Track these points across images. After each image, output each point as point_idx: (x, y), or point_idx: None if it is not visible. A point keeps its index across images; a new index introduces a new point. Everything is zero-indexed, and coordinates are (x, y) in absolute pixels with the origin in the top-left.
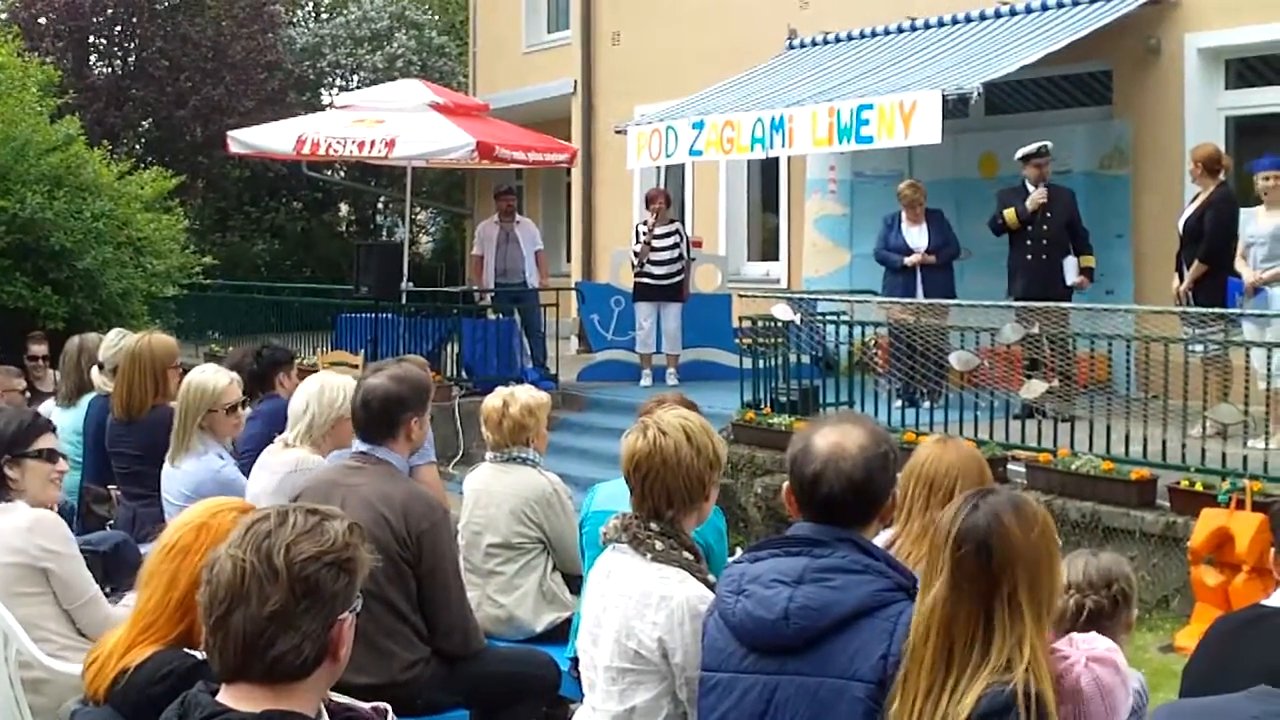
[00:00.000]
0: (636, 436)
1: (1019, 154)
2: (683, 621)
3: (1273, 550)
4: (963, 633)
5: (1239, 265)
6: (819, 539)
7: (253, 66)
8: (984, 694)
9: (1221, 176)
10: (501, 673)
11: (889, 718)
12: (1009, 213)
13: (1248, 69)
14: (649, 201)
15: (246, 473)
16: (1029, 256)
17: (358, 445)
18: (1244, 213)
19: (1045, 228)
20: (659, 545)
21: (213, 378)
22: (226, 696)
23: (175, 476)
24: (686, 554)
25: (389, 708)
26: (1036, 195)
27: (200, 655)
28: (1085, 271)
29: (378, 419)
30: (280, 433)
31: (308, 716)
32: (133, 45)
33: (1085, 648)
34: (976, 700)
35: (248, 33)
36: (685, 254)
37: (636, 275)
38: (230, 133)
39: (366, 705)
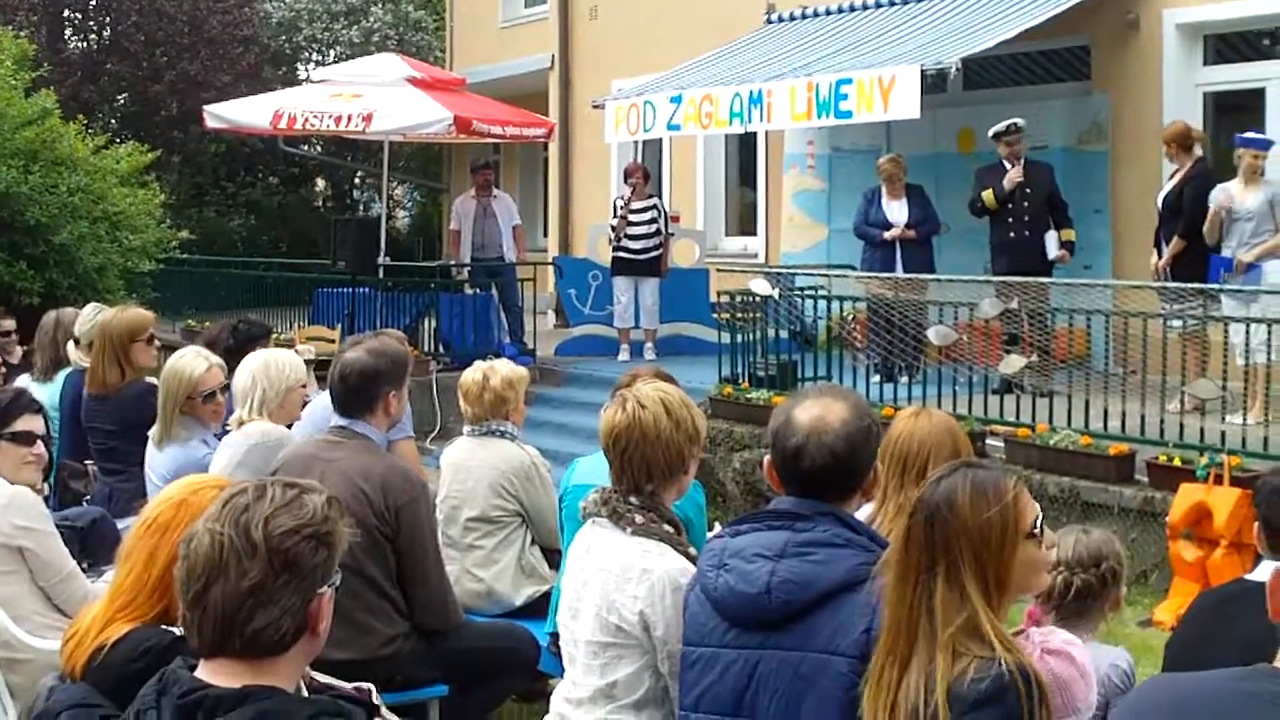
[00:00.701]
0: (615, 410)
1: (991, 132)
2: (664, 594)
3: (1256, 525)
4: (905, 605)
5: (1207, 235)
6: (801, 513)
7: (229, 41)
8: (974, 676)
9: (1198, 151)
10: (481, 648)
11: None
12: (987, 194)
13: (1225, 44)
14: (627, 175)
15: None
16: (1011, 234)
17: (335, 420)
18: (1217, 187)
19: (1025, 204)
20: (639, 519)
21: (190, 363)
22: (205, 672)
23: (159, 459)
24: (667, 527)
25: (372, 687)
26: (1013, 174)
27: (179, 632)
28: (1066, 245)
29: (355, 393)
30: None
31: (287, 691)
32: (108, 20)
33: (1040, 639)
34: (953, 681)
35: (224, 7)
36: (663, 229)
37: (614, 250)
38: (207, 107)
39: (349, 685)
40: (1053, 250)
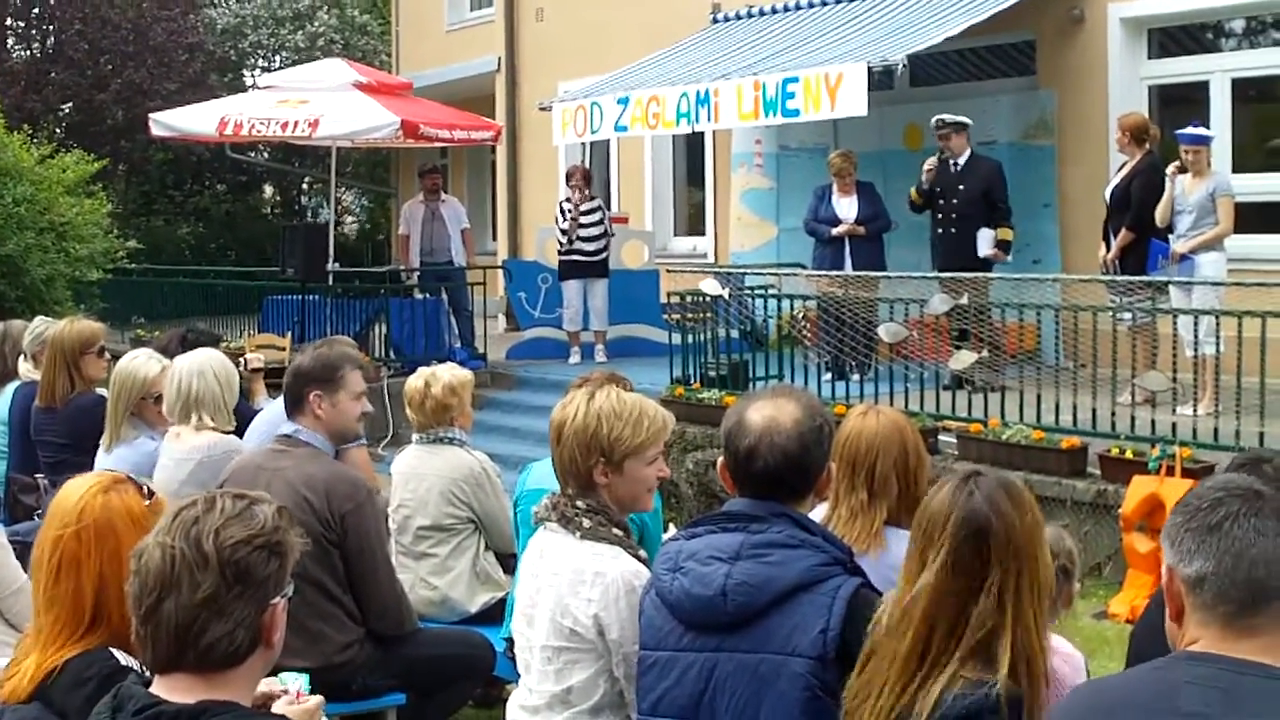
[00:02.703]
0: (558, 405)
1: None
2: (618, 597)
3: None
4: (945, 622)
5: (1159, 217)
6: (755, 514)
7: (174, 49)
8: (959, 691)
9: (1148, 145)
10: (437, 654)
11: (847, 704)
12: (912, 190)
13: (1169, 38)
14: (568, 178)
15: None
16: (939, 230)
17: (283, 428)
18: (1171, 177)
19: (955, 200)
20: (587, 523)
21: (144, 365)
22: (160, 688)
23: (108, 461)
24: (616, 530)
25: (320, 699)
26: (926, 165)
27: (123, 658)
28: (1002, 244)
29: (286, 394)
30: None
31: (243, 705)
32: (51, 28)
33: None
34: (943, 694)
35: (168, 15)
36: (608, 230)
37: (563, 253)
38: (152, 115)
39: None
40: (984, 248)
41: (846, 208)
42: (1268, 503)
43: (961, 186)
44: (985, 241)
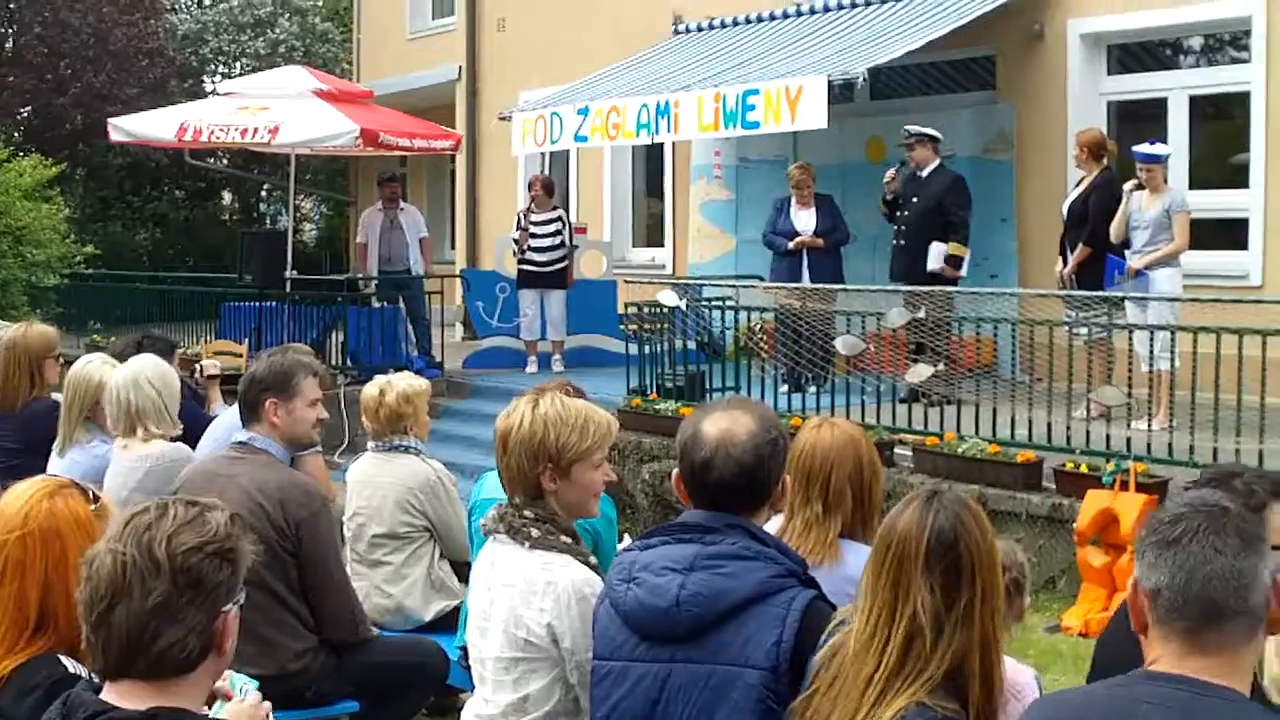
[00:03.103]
0: (502, 414)
1: None
2: (570, 605)
3: None
4: (922, 642)
5: (1114, 233)
6: (710, 526)
7: (134, 54)
8: (912, 709)
9: (1105, 161)
10: (391, 662)
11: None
12: (881, 201)
13: (1128, 55)
14: (529, 188)
15: None
16: (894, 241)
17: (238, 435)
18: (1129, 194)
19: (907, 213)
20: (535, 532)
21: (97, 370)
22: (111, 694)
23: (60, 465)
24: (565, 538)
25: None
26: (885, 177)
27: (71, 665)
28: (952, 260)
29: (241, 402)
30: None
31: (194, 712)
32: (9, 31)
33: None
34: (901, 711)
35: (129, 19)
36: (568, 241)
37: (519, 262)
38: (111, 120)
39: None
40: (933, 262)
41: (805, 220)
42: (1231, 520)
43: (915, 199)
44: (934, 256)
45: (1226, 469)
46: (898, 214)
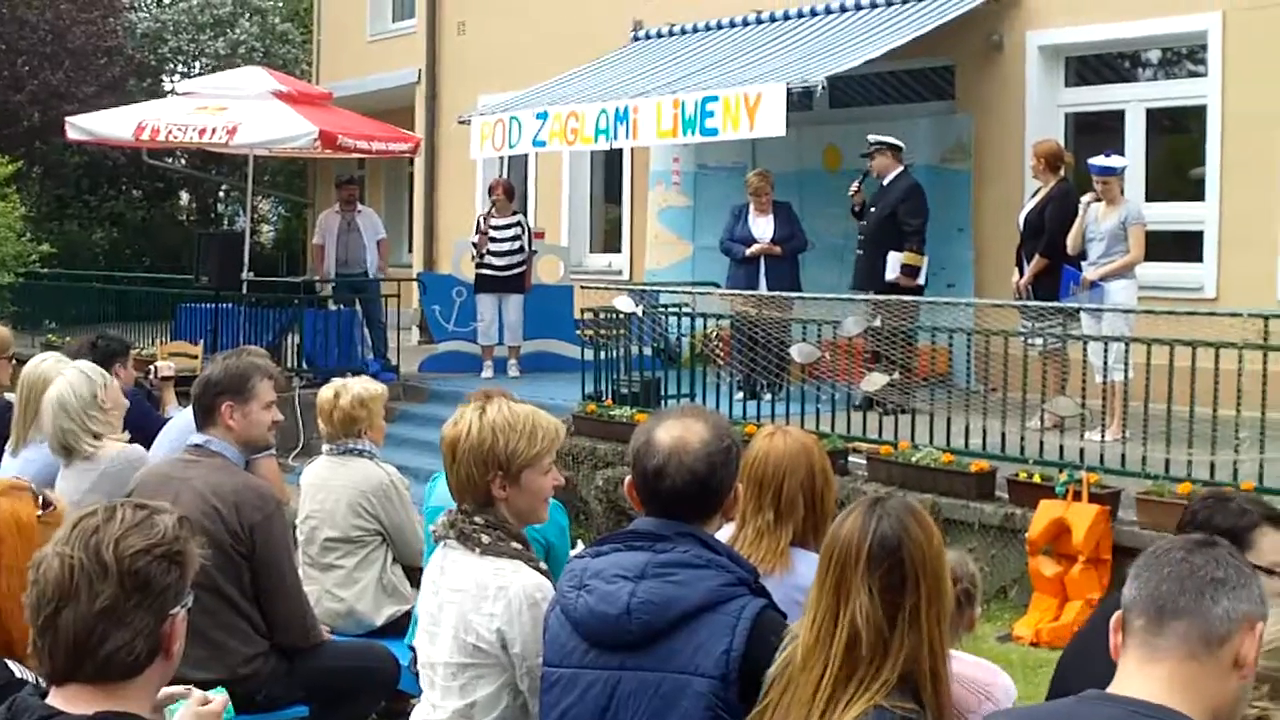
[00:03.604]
0: (448, 421)
1: None
2: (521, 611)
3: None
4: (868, 648)
5: (1071, 244)
6: (661, 534)
7: (93, 52)
8: (870, 713)
9: (1062, 172)
10: (341, 667)
11: None
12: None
13: (1086, 67)
14: (490, 192)
15: None
16: (855, 250)
17: (193, 438)
18: (1086, 205)
19: (864, 223)
20: (485, 539)
21: (52, 368)
22: (57, 699)
23: (15, 466)
24: (515, 544)
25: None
26: (851, 189)
27: (17, 670)
28: (907, 269)
29: (195, 405)
30: None
31: (142, 716)
32: None
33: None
34: (860, 717)
35: (88, 17)
36: (527, 245)
37: (477, 266)
38: (69, 119)
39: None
40: (890, 272)
41: (763, 227)
42: (1218, 548)
43: (873, 209)
44: (891, 265)
45: (1221, 491)
46: (861, 223)
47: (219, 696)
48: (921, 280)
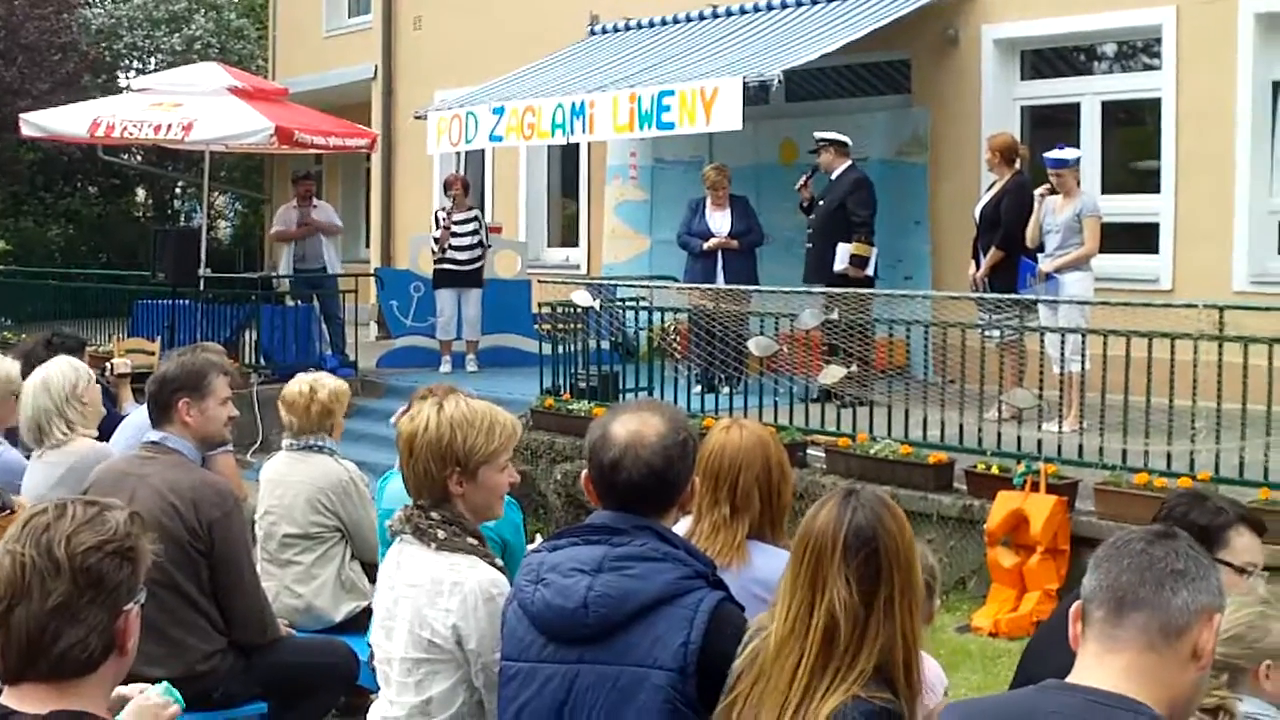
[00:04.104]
0: (405, 417)
1: None
2: (476, 606)
3: None
4: (844, 639)
5: (1029, 238)
6: (618, 527)
7: (47, 48)
8: (849, 703)
9: (1018, 165)
10: (299, 663)
11: None
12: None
13: (1042, 60)
14: (447, 187)
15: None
16: (805, 244)
17: (149, 434)
18: (1041, 198)
19: (813, 216)
20: (441, 534)
21: (9, 365)
22: (10, 698)
23: None
24: (471, 539)
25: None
26: (797, 184)
27: None
28: (856, 259)
29: (151, 402)
30: None
31: (97, 715)
32: None
33: None
34: (839, 706)
35: (41, 13)
36: (485, 239)
37: (437, 262)
38: (23, 115)
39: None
40: (838, 263)
41: (720, 221)
42: (1177, 540)
43: (821, 202)
44: (840, 256)
45: (1198, 491)
46: (810, 217)
47: (173, 709)
48: (870, 271)
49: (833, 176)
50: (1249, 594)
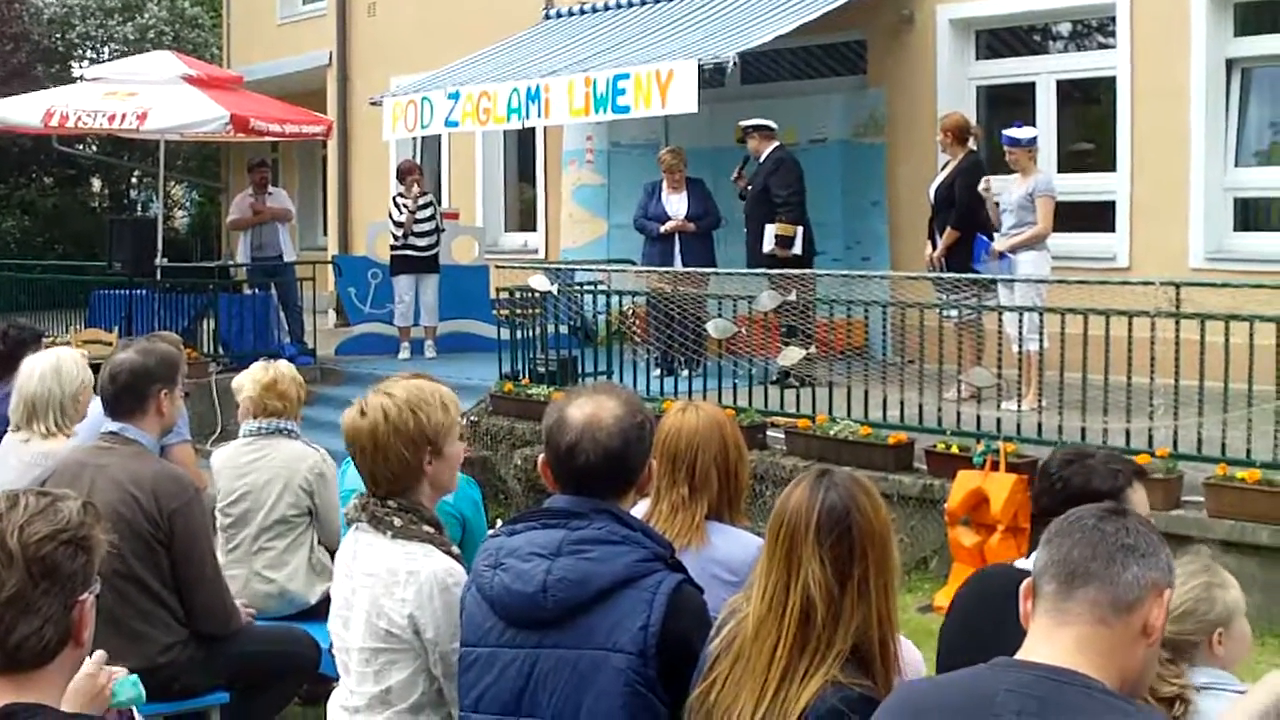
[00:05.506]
0: (350, 414)
1: None
2: (432, 596)
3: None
4: (819, 619)
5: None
6: (576, 510)
7: None
8: (829, 689)
9: (971, 144)
10: (261, 652)
11: (704, 710)
12: None
13: (996, 40)
14: (403, 174)
15: None
16: (744, 227)
17: (107, 425)
18: (998, 180)
19: (743, 200)
20: (397, 522)
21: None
22: None
23: None
24: (427, 528)
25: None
26: (733, 175)
27: None
28: (781, 239)
29: (125, 393)
30: None
31: (54, 708)
32: None
33: None
34: (819, 692)
35: None
36: (439, 226)
37: (396, 249)
38: None
39: None
40: (765, 244)
41: (676, 204)
42: (1128, 516)
43: (749, 186)
44: (767, 237)
45: (1081, 448)
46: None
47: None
48: (798, 250)
49: (760, 160)
50: (1192, 562)
